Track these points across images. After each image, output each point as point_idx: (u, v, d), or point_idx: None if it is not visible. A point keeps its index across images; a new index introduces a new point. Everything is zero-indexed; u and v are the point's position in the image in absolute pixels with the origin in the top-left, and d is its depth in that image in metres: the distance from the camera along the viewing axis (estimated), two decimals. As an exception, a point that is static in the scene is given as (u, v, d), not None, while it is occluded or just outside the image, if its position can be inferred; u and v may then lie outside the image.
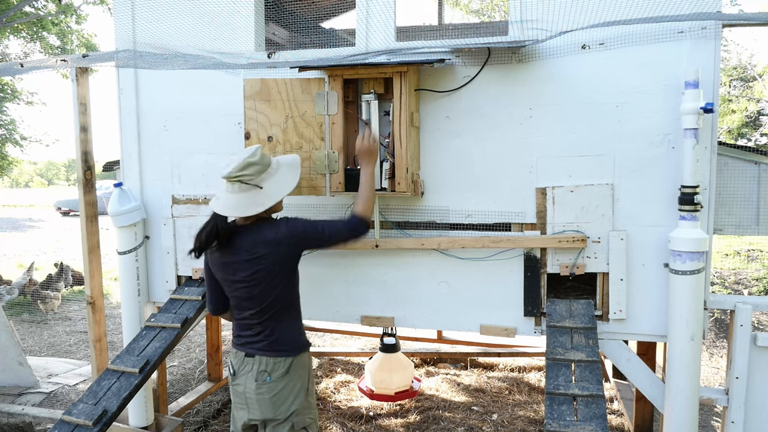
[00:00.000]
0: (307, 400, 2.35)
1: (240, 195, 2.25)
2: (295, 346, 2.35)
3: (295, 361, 2.33)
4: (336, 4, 4.14)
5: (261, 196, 2.25)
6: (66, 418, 2.72)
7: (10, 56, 13.99)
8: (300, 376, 2.34)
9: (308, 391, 2.37)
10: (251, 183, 2.24)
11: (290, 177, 2.35)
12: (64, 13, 13.38)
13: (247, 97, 3.02)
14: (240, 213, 2.25)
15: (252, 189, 2.25)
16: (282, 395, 2.30)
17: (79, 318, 7.36)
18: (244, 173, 2.23)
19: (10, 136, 14.90)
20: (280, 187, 2.30)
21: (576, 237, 2.84)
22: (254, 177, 2.24)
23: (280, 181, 2.31)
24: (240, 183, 2.23)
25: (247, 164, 2.23)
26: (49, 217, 21.89)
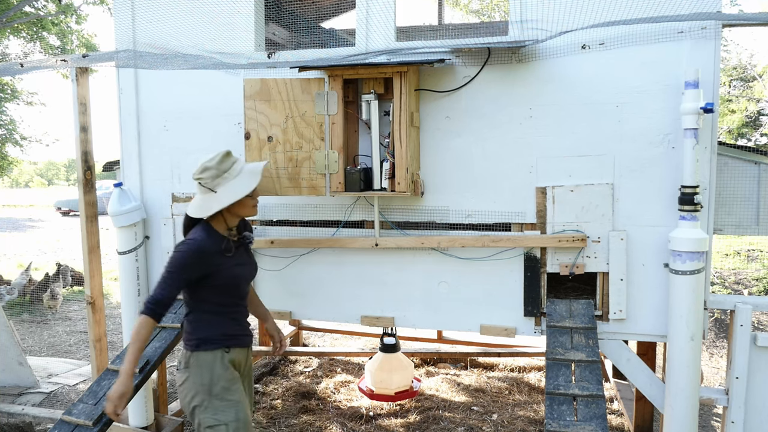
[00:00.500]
0: (211, 401, 2.29)
1: (199, 196, 2.36)
2: (195, 342, 2.34)
3: (193, 357, 2.33)
4: (336, 4, 4.14)
5: (212, 200, 2.31)
6: (66, 418, 2.72)
7: (10, 56, 13.99)
8: (199, 374, 2.31)
9: (212, 392, 2.30)
10: (206, 186, 2.32)
11: (245, 183, 2.34)
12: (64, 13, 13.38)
13: (247, 97, 3.02)
14: (194, 213, 2.34)
15: (207, 192, 2.33)
16: (183, 387, 2.34)
17: (79, 318, 7.36)
18: (201, 176, 2.32)
19: (10, 136, 14.90)
20: (229, 194, 2.31)
21: (576, 236, 2.84)
22: (209, 181, 2.31)
23: (234, 186, 2.32)
24: (199, 185, 2.34)
25: (204, 168, 2.32)
26: (49, 217, 21.89)
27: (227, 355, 2.37)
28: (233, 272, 2.38)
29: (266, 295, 3.44)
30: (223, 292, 2.38)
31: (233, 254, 2.40)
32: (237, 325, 2.46)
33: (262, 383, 4.88)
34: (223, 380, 2.33)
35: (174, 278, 2.24)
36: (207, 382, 2.31)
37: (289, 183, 3.04)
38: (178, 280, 2.25)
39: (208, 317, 2.37)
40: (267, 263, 3.40)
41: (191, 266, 2.26)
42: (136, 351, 2.21)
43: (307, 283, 3.36)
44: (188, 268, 2.26)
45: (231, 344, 2.40)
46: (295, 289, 3.39)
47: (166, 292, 2.22)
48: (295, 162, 3.02)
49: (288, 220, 3.36)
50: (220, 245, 2.35)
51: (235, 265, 2.40)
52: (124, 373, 2.19)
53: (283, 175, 3.04)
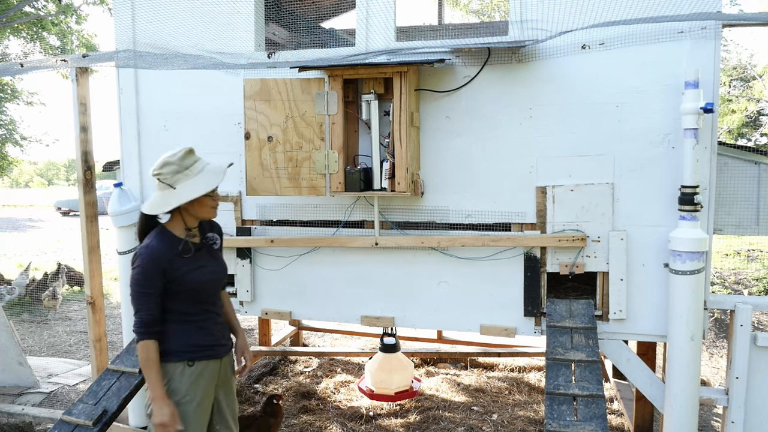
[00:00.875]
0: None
1: (157, 193, 2.25)
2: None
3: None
4: (336, 4, 4.14)
5: (171, 196, 2.21)
6: (66, 418, 2.72)
7: (10, 56, 13.99)
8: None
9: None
10: (165, 182, 2.21)
11: (207, 181, 2.23)
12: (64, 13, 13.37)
13: (247, 97, 3.02)
14: (152, 210, 2.23)
15: (166, 188, 2.22)
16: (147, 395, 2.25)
17: (79, 318, 7.36)
18: (161, 171, 2.21)
19: (10, 136, 14.90)
20: (188, 191, 2.20)
21: (576, 236, 2.84)
22: (168, 176, 2.20)
23: (193, 184, 2.21)
24: (158, 181, 2.23)
25: (165, 163, 2.22)
26: (49, 217, 21.89)
27: (190, 368, 2.24)
28: (194, 276, 2.25)
29: (266, 294, 3.44)
30: (187, 299, 2.26)
31: (193, 256, 2.27)
32: (207, 335, 2.31)
33: (262, 383, 4.88)
34: (178, 395, 2.21)
35: (146, 295, 2.17)
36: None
37: (289, 183, 3.04)
38: (151, 294, 2.17)
39: (173, 327, 2.25)
40: (267, 263, 3.40)
41: (154, 276, 2.17)
42: (157, 374, 2.17)
43: (307, 283, 3.36)
44: (152, 278, 2.17)
45: (197, 357, 2.26)
46: (295, 289, 3.39)
47: (148, 311, 2.17)
48: (295, 162, 3.01)
49: (288, 220, 3.36)
50: (176, 248, 2.23)
51: (196, 269, 2.26)
52: (161, 399, 2.15)
53: (283, 175, 3.04)
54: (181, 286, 2.23)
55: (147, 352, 2.17)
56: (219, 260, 2.43)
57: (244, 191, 3.35)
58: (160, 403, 2.15)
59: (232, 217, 3.43)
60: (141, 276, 2.18)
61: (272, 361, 5.34)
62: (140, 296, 2.18)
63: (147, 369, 2.17)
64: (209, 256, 2.37)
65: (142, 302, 2.18)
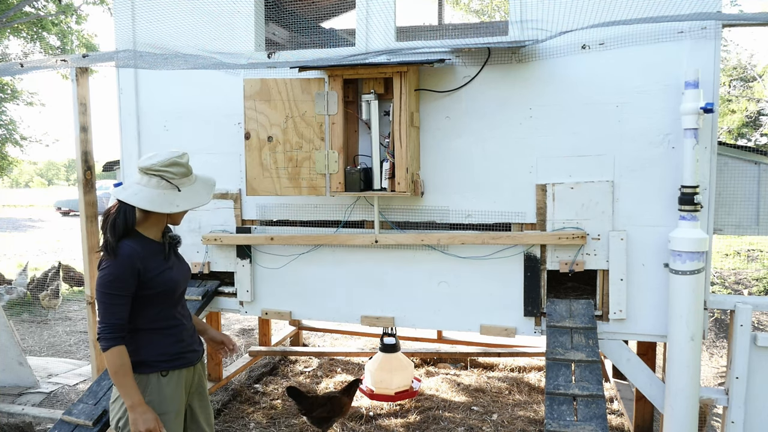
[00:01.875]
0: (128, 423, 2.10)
1: (156, 191, 2.12)
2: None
3: None
4: (336, 4, 4.14)
5: (177, 198, 2.14)
6: (66, 418, 2.72)
7: (10, 56, 13.99)
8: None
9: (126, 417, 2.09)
10: (172, 182, 2.14)
11: (204, 193, 2.23)
12: (64, 13, 13.38)
13: (247, 97, 3.02)
14: (152, 207, 2.10)
15: (170, 188, 2.14)
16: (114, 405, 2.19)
17: (79, 318, 7.36)
18: (169, 170, 2.13)
19: (10, 136, 14.90)
20: (194, 198, 2.18)
21: (576, 234, 2.84)
22: (176, 177, 2.15)
23: (196, 192, 2.20)
24: (160, 179, 2.13)
25: (174, 163, 2.14)
26: (49, 217, 21.89)
27: (164, 378, 2.16)
28: (167, 275, 2.18)
29: (266, 295, 3.44)
30: (158, 302, 2.17)
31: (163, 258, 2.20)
32: (178, 342, 2.22)
33: (262, 383, 4.88)
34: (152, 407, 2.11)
35: (117, 297, 2.05)
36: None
37: (289, 183, 3.04)
38: (123, 296, 2.06)
39: (146, 336, 2.15)
40: (267, 261, 3.40)
41: (127, 278, 2.07)
42: (133, 379, 2.05)
43: (307, 283, 3.36)
44: (125, 279, 2.06)
45: (170, 366, 2.18)
46: (295, 289, 3.39)
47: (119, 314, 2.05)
48: (295, 162, 3.02)
49: (288, 220, 3.36)
50: (148, 249, 2.15)
51: (167, 268, 2.20)
52: (141, 405, 2.04)
53: (283, 175, 3.04)
54: (154, 287, 2.13)
55: (121, 357, 2.03)
56: (183, 260, 2.38)
57: (243, 190, 3.35)
58: (141, 409, 2.04)
59: (231, 215, 3.43)
60: (113, 277, 2.05)
61: (272, 361, 5.34)
62: (111, 298, 2.04)
63: (123, 376, 2.03)
64: (175, 257, 2.31)
65: (113, 305, 2.04)
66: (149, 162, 2.13)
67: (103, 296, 2.06)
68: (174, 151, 2.19)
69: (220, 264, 3.52)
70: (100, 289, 2.06)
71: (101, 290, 2.06)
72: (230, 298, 3.53)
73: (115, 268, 2.06)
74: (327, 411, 3.65)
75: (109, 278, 2.05)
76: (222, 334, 2.53)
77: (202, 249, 3.53)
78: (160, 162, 2.13)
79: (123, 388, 2.04)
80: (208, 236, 3.43)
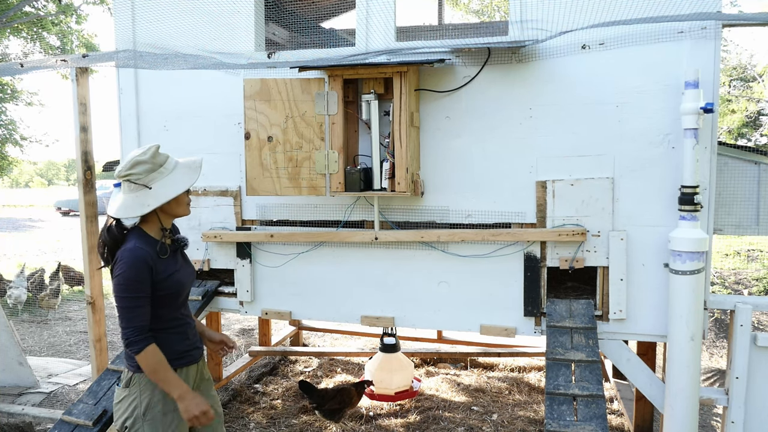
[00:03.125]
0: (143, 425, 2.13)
1: (128, 195, 2.11)
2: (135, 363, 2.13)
3: (135, 378, 2.16)
4: (336, 4, 4.14)
5: (147, 197, 2.10)
6: (66, 418, 2.72)
7: (10, 56, 13.98)
8: (137, 396, 2.15)
9: (145, 415, 2.13)
10: (139, 183, 2.10)
11: (184, 178, 2.15)
12: (64, 13, 13.37)
13: (247, 97, 3.02)
14: (124, 214, 2.09)
15: (140, 189, 2.10)
16: (120, 406, 2.18)
17: (79, 318, 7.36)
18: (132, 172, 2.09)
19: (10, 136, 14.89)
20: (168, 188, 2.12)
21: (576, 230, 2.84)
22: (142, 176, 2.10)
23: (172, 182, 2.13)
24: (129, 183, 2.10)
25: (135, 163, 2.10)
26: (49, 217, 21.89)
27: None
28: (176, 277, 2.18)
29: (266, 294, 3.44)
30: (167, 303, 2.17)
31: (169, 258, 2.20)
32: (184, 340, 2.25)
33: (262, 383, 4.88)
34: (162, 406, 2.15)
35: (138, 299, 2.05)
36: (143, 406, 2.14)
37: (289, 183, 3.04)
38: (143, 298, 2.06)
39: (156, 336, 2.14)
40: (267, 260, 3.40)
41: (144, 279, 2.06)
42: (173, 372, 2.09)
43: (307, 283, 3.36)
44: (142, 281, 2.06)
45: (179, 364, 2.20)
46: (295, 289, 3.39)
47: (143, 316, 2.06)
48: (295, 162, 3.02)
49: (288, 220, 3.36)
50: (155, 249, 2.14)
51: (175, 270, 2.20)
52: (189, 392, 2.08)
53: (283, 175, 3.04)
54: (164, 289, 2.13)
55: (156, 355, 2.06)
56: (189, 262, 2.38)
57: (243, 188, 3.36)
58: (190, 396, 2.08)
59: (231, 212, 3.43)
60: (131, 281, 2.03)
61: (272, 361, 5.34)
62: (132, 301, 2.04)
63: (164, 371, 2.07)
64: (181, 258, 2.31)
65: (136, 308, 2.04)
66: (117, 170, 2.12)
67: (124, 300, 2.04)
68: (140, 149, 2.15)
69: (220, 261, 3.52)
70: (120, 295, 2.04)
71: (122, 295, 2.04)
72: (230, 298, 3.53)
73: (131, 271, 2.04)
74: (338, 402, 3.71)
75: (127, 282, 2.04)
76: (220, 334, 2.52)
77: (202, 246, 3.53)
78: (124, 167, 2.11)
79: (167, 383, 2.07)
80: (208, 233, 3.43)
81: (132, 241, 2.10)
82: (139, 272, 2.05)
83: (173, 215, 2.22)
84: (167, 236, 2.23)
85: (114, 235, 2.12)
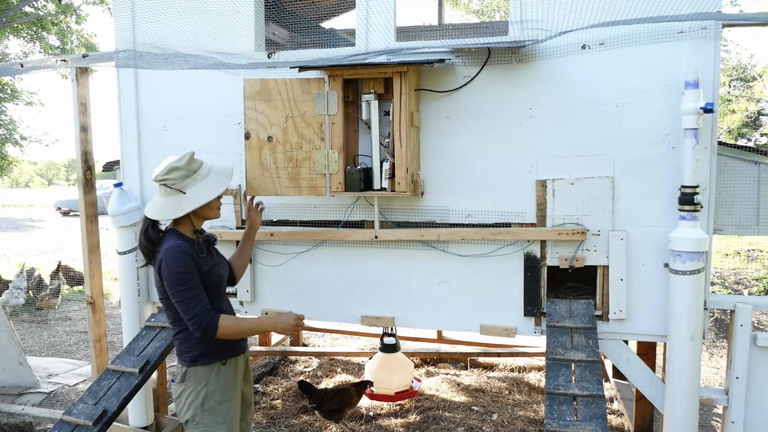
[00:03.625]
0: (202, 415, 2.27)
1: (165, 198, 2.26)
2: (191, 357, 2.29)
3: (190, 372, 2.29)
4: (336, 4, 4.14)
5: (181, 201, 2.24)
6: (66, 418, 2.72)
7: (10, 56, 13.98)
8: (194, 389, 2.28)
9: (203, 406, 2.27)
10: (174, 187, 2.24)
11: (215, 185, 2.31)
12: (64, 13, 13.37)
13: (247, 97, 3.02)
14: (159, 216, 2.25)
15: (175, 193, 2.25)
16: (179, 400, 2.32)
17: (79, 318, 7.36)
18: (168, 177, 2.24)
19: (10, 136, 14.88)
20: (201, 194, 2.26)
21: (576, 229, 2.84)
22: (177, 182, 2.24)
23: (204, 188, 2.28)
24: (165, 187, 2.25)
25: (172, 168, 2.24)
26: (49, 217, 21.89)
27: (224, 367, 2.32)
28: (216, 270, 2.33)
29: (266, 294, 3.44)
30: (211, 296, 2.30)
31: (206, 254, 2.34)
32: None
33: (262, 383, 4.88)
34: (218, 395, 2.29)
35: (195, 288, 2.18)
36: (201, 397, 2.27)
37: (289, 183, 3.04)
38: (198, 286, 2.19)
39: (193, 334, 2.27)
40: (267, 259, 3.40)
41: (193, 270, 2.19)
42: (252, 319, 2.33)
43: (307, 283, 3.36)
44: (192, 272, 2.19)
45: (229, 355, 2.35)
46: (295, 289, 3.39)
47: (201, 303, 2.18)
48: (295, 162, 3.02)
49: (288, 220, 3.36)
50: (193, 248, 2.28)
51: (214, 264, 2.35)
52: (275, 315, 2.41)
53: (283, 175, 3.04)
54: (207, 282, 2.26)
55: (231, 319, 2.24)
56: (222, 256, 2.52)
57: (243, 187, 3.36)
58: (276, 318, 2.31)
59: (231, 211, 3.43)
60: (181, 273, 2.16)
61: (272, 361, 5.34)
62: (189, 291, 2.17)
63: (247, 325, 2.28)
64: (216, 254, 2.46)
65: (194, 296, 2.17)
66: (154, 173, 2.26)
67: (181, 294, 2.17)
68: (176, 155, 2.28)
69: (220, 264, 3.52)
70: (176, 289, 2.17)
71: (177, 289, 2.17)
72: (230, 298, 3.53)
73: (178, 265, 2.17)
74: (338, 402, 3.72)
75: (178, 276, 2.16)
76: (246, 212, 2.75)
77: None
78: (161, 171, 2.24)
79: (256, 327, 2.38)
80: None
81: (171, 240, 2.24)
82: (186, 264, 2.18)
83: (204, 218, 2.37)
84: (200, 237, 2.37)
85: (150, 236, 2.27)
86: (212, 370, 2.29)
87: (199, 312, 2.17)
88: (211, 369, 2.29)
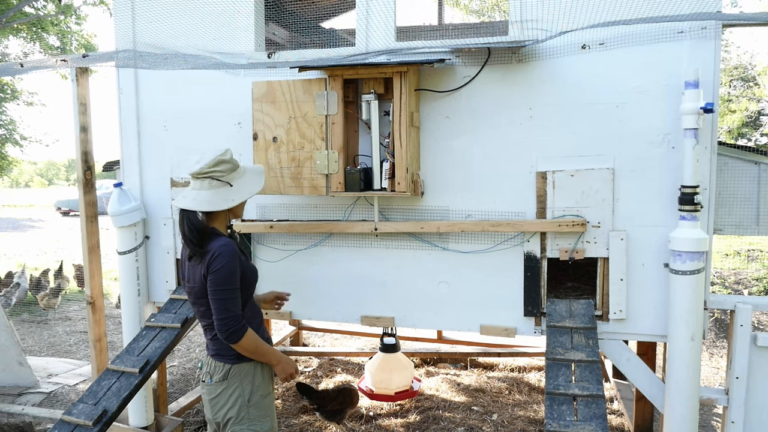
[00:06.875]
0: (248, 411, 2.32)
1: (210, 191, 2.29)
2: (234, 353, 2.31)
3: (234, 369, 2.32)
4: (336, 4, 4.14)
5: (231, 193, 2.30)
6: (66, 418, 2.72)
7: (10, 56, 13.98)
8: (239, 386, 2.32)
9: (249, 402, 2.33)
10: (222, 180, 2.30)
11: (256, 181, 2.41)
12: (64, 13, 13.36)
13: (256, 100, 3.03)
14: (211, 207, 2.27)
15: (223, 186, 2.30)
16: (219, 400, 2.33)
17: (79, 318, 7.36)
18: (216, 169, 2.29)
19: (10, 136, 14.88)
20: (248, 188, 2.36)
21: (576, 221, 2.84)
22: (225, 174, 2.31)
23: (248, 182, 2.37)
24: (211, 179, 2.29)
25: (220, 161, 2.30)
26: (49, 217, 21.88)
27: (259, 364, 2.37)
28: (250, 268, 2.39)
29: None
30: (246, 295, 2.35)
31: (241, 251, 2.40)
32: (264, 330, 2.46)
33: (262, 383, 4.88)
34: (262, 390, 2.36)
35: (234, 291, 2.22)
36: (247, 393, 2.32)
37: (291, 182, 3.04)
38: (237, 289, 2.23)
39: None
40: (267, 254, 3.40)
41: (237, 272, 2.24)
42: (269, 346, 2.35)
43: (307, 283, 3.36)
44: (236, 274, 2.23)
45: None
46: (294, 289, 3.39)
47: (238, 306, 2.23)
48: (297, 162, 3.02)
49: (288, 219, 3.36)
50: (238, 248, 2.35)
51: (248, 262, 2.41)
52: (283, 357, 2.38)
53: (287, 175, 3.04)
54: (247, 279, 2.32)
55: (255, 338, 2.27)
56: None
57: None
58: (285, 359, 2.38)
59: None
60: (231, 273, 2.20)
61: (272, 361, 5.33)
62: (230, 293, 2.20)
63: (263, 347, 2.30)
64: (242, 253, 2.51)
65: (233, 299, 2.21)
66: (198, 167, 2.29)
67: (225, 292, 2.19)
68: (217, 150, 2.33)
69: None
70: (222, 287, 2.19)
71: (223, 287, 2.19)
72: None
73: (231, 264, 2.21)
74: (340, 403, 3.73)
75: (228, 274, 2.19)
76: (270, 293, 2.78)
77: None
78: (207, 164, 2.28)
79: (267, 355, 2.34)
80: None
81: (221, 237, 2.27)
82: (236, 265, 2.23)
83: (235, 215, 2.42)
84: (233, 234, 2.44)
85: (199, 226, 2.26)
86: (256, 366, 2.35)
87: (235, 315, 2.21)
88: (255, 365, 2.35)
